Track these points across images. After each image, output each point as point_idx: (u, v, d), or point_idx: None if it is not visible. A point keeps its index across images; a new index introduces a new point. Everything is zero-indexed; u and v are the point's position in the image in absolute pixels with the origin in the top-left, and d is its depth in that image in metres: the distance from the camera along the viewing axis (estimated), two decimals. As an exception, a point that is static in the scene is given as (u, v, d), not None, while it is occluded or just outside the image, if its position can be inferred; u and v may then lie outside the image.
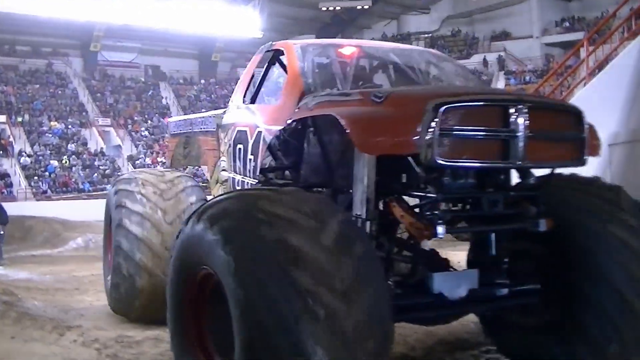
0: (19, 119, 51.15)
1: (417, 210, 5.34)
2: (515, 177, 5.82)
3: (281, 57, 7.65)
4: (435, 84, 7.53)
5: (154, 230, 8.46)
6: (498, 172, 5.57)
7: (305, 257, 4.15)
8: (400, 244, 6.10)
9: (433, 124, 4.76)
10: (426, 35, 68.41)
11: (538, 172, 5.84)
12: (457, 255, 15.57)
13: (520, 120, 5.03)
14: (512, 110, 5.04)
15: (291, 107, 6.58)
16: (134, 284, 8.50)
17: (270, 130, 6.95)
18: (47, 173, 46.94)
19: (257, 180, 7.19)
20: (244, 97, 8.34)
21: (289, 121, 6.46)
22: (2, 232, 18.56)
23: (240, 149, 7.80)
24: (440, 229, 4.98)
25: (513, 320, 6.34)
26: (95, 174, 48.45)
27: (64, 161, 48.60)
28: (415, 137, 4.79)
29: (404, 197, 5.52)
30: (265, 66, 8.06)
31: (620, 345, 5.48)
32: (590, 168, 5.65)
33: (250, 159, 7.40)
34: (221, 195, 5.05)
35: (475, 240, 6.21)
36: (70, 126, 52.86)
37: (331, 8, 65.81)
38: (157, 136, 55.89)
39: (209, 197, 8.56)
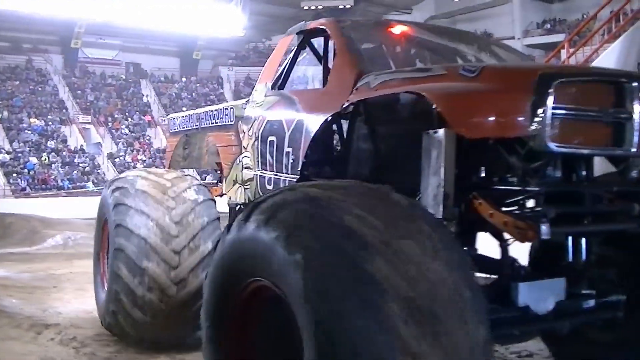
0: (-1, 116, 50.91)
1: (509, 207, 4.57)
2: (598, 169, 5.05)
3: (316, 39, 7.09)
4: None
5: (160, 230, 7.29)
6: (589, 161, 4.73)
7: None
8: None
9: (547, 102, 4.04)
10: (408, 35, 68.56)
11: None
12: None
13: (637, 101, 4.32)
14: (628, 89, 4.33)
15: (344, 90, 5.70)
16: (140, 296, 7.15)
17: (314, 118, 5.96)
18: (26, 170, 46.72)
19: (297, 177, 6.09)
20: (274, 84, 7.24)
21: (346, 105, 5.53)
22: (-20, 230, 18.44)
23: (272, 142, 6.70)
24: (544, 229, 4.07)
25: (588, 335, 5.71)
26: (75, 172, 48.28)
27: (43, 158, 48.38)
28: (523, 117, 4.07)
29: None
30: (295, 50, 7.37)
31: None
32: None
33: (287, 153, 6.35)
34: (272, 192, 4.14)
35: (558, 243, 5.09)
36: (50, 123, 52.64)
37: (313, 7, 65.90)
38: (137, 134, 55.79)
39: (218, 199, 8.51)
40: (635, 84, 4.29)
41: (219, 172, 8.68)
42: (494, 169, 4.56)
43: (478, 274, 4.03)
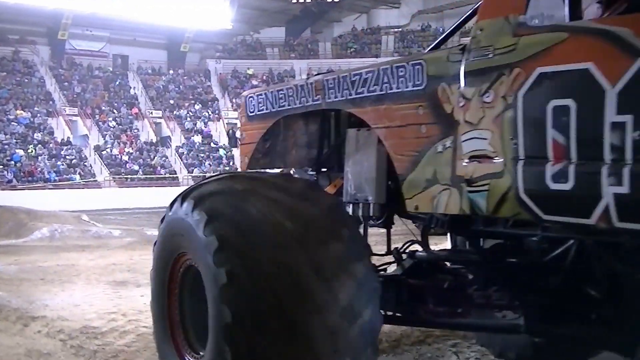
0: (-16, 107, 50.74)
1: None
2: None
3: None
4: None
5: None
6: None
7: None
8: None
9: None
10: (396, 29, 68.70)
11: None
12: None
13: None
14: None
15: None
16: None
17: None
18: (12, 162, 46.63)
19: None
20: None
21: None
22: (-34, 222, 18.39)
23: (562, 109, 3.78)
24: None
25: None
26: (62, 164, 48.14)
27: (29, 150, 48.27)
28: None
29: None
30: None
31: None
32: None
33: (616, 125, 3.44)
34: None
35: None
36: (36, 115, 52.45)
37: (301, 0, 65.79)
38: (124, 126, 55.66)
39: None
40: None
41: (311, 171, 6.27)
42: None
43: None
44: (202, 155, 54.57)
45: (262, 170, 5.47)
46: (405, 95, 4.61)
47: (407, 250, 5.27)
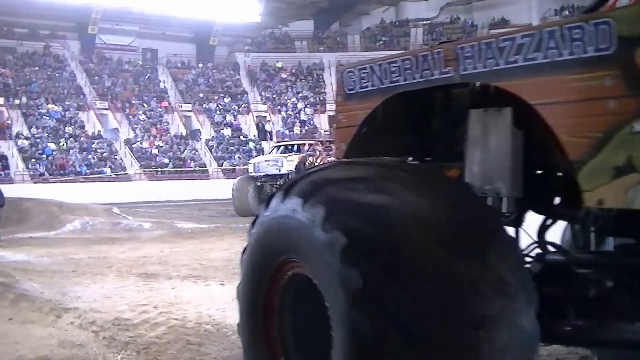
0: (17, 102, 51.19)
1: None
2: None
3: None
4: None
5: None
6: None
7: None
8: None
9: None
10: (424, 22, 68.40)
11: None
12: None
13: None
14: None
15: None
16: None
17: None
18: (44, 156, 46.99)
19: None
20: None
21: None
22: (-1, 215, 18.53)
23: None
24: None
25: None
26: (92, 157, 48.43)
27: (61, 144, 48.61)
28: None
29: None
30: None
31: None
32: None
33: None
34: None
35: None
36: (67, 109, 52.78)
37: (329, -6, 65.75)
38: (154, 120, 55.85)
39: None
40: None
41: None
42: None
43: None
44: (231, 148, 54.62)
45: (377, 158, 4.22)
46: (584, 63, 3.58)
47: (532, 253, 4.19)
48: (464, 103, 4.36)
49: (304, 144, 34.34)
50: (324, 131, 58.93)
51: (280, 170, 29.85)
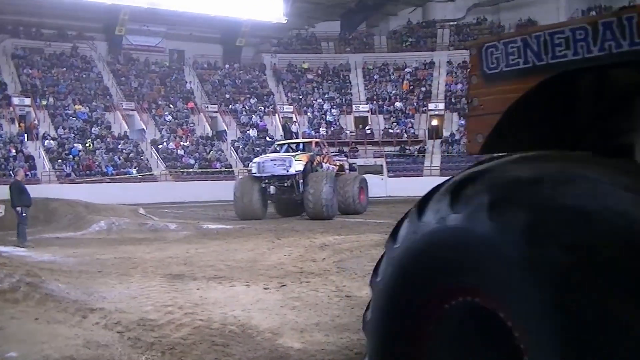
0: (44, 102, 51.52)
1: None
2: None
3: None
4: None
5: None
6: None
7: None
8: None
9: None
10: (451, 23, 68.25)
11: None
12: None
13: None
14: None
15: None
16: None
17: None
18: (71, 156, 47.26)
19: None
20: None
21: None
22: (25, 215, 18.64)
23: None
24: None
25: None
26: (119, 158, 48.65)
27: (87, 144, 48.87)
28: None
29: None
30: None
31: None
32: None
33: None
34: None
35: None
36: (94, 110, 53.08)
37: (357, -6, 65.73)
38: (180, 121, 56.03)
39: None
40: None
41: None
42: None
43: None
44: (257, 149, 54.63)
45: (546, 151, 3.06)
46: None
47: None
48: (629, 87, 3.53)
49: (311, 142, 33.15)
50: (350, 132, 58.94)
51: (288, 171, 27.96)
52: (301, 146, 32.35)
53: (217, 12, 59.01)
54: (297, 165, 27.91)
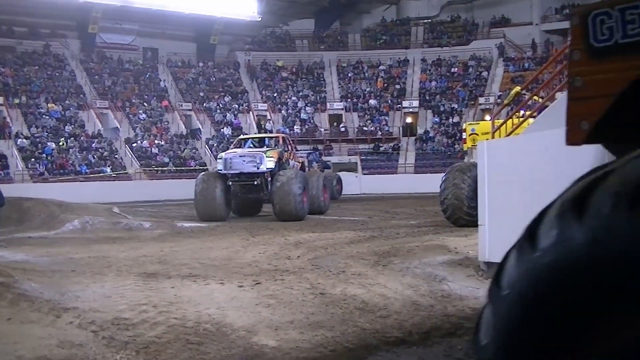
0: (16, 101, 51.20)
1: None
2: None
3: None
4: None
5: None
6: None
7: None
8: None
9: None
10: (425, 20, 68.47)
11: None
12: (455, 241, 15.63)
13: None
14: None
15: None
16: None
17: None
18: (44, 155, 47.02)
19: None
20: None
21: None
22: (-2, 214, 18.49)
23: None
24: None
25: None
26: (93, 156, 48.46)
27: (61, 143, 48.64)
28: None
29: None
30: None
31: None
32: (590, 156, 5.13)
33: None
34: None
35: None
36: (68, 108, 52.81)
37: (330, -8, 65.78)
38: (154, 119, 55.89)
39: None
40: None
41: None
42: None
43: None
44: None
45: None
46: None
47: None
48: None
49: (277, 137, 30.72)
50: (324, 130, 59.02)
51: (258, 168, 25.44)
52: (266, 141, 30.28)
53: (190, 10, 58.88)
54: (269, 162, 25.59)
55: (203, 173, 27.89)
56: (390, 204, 34.54)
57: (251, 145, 28.72)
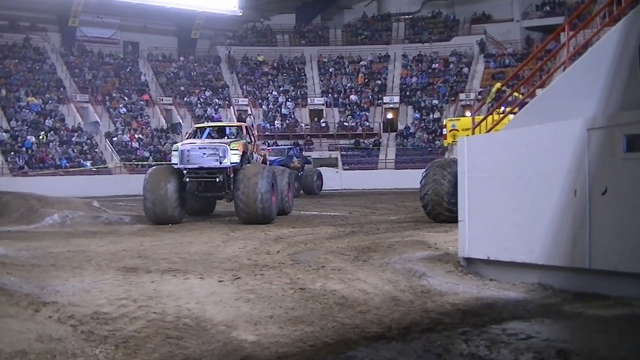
0: (-4, 94, 50.83)
1: None
2: None
3: None
4: None
5: None
6: None
7: None
8: None
9: None
10: (406, 16, 68.57)
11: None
12: (434, 236, 15.71)
13: None
14: None
15: None
16: None
17: None
18: (24, 149, 46.79)
19: None
20: None
21: None
22: (-23, 208, 18.41)
23: None
24: None
25: None
26: (73, 150, 48.27)
27: (41, 137, 48.38)
28: None
29: None
30: None
31: None
32: (569, 152, 5.33)
33: None
34: None
35: None
36: (48, 102, 52.55)
37: (311, -12, 65.76)
38: (135, 113, 55.70)
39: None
40: None
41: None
42: None
43: None
44: (212, 142, 54.53)
45: None
46: None
47: None
48: None
49: (240, 126, 26.09)
50: (305, 125, 59.04)
51: (221, 163, 21.56)
52: (227, 131, 26.27)
53: (171, 4, 58.79)
54: (233, 156, 21.68)
55: (153, 167, 23.66)
56: (371, 200, 34.66)
57: (210, 136, 25.01)
